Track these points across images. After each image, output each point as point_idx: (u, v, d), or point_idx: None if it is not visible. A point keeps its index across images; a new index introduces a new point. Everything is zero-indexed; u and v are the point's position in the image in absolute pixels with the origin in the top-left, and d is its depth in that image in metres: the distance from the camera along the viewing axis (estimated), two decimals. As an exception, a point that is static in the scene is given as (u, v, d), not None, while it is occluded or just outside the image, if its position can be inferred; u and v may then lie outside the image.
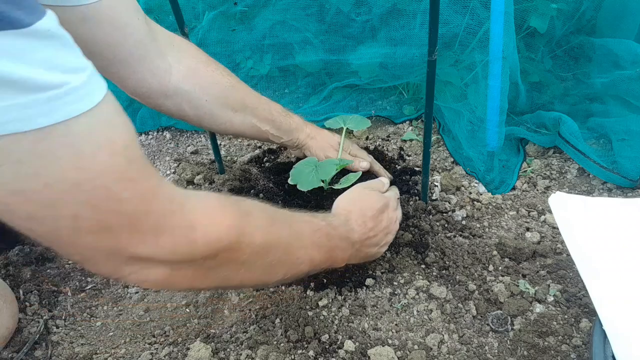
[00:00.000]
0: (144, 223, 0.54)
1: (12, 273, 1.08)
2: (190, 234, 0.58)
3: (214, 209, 0.62)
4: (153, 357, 0.92)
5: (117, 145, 0.50)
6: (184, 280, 0.62)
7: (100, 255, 0.54)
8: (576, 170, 1.28)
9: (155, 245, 0.55)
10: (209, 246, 0.60)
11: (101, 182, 0.49)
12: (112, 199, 0.50)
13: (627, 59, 1.27)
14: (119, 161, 0.50)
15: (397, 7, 1.36)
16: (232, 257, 0.64)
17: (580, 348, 0.86)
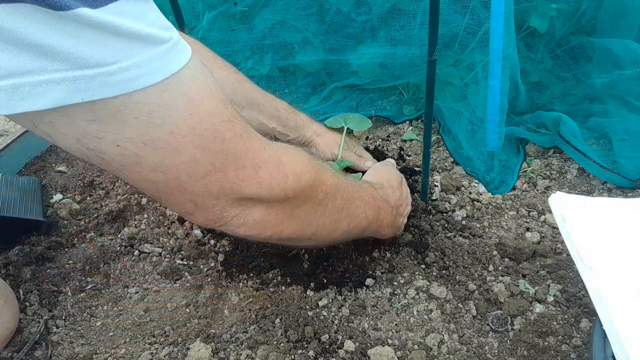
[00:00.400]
0: (245, 159, 0.59)
1: (12, 273, 1.08)
2: (281, 167, 0.65)
3: (292, 150, 0.70)
4: (153, 357, 0.92)
5: (213, 90, 0.56)
6: (275, 222, 0.68)
7: (209, 200, 0.59)
8: (576, 170, 1.28)
9: (256, 180, 0.61)
10: (297, 178, 0.67)
11: (210, 125, 0.54)
12: (219, 139, 0.56)
13: (627, 59, 1.27)
14: (217, 105, 0.56)
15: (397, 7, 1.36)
16: (312, 194, 0.71)
17: (580, 348, 0.86)
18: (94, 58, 0.43)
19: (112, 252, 1.15)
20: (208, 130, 0.54)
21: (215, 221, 0.63)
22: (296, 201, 0.69)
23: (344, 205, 0.79)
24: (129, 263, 1.12)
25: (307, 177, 0.69)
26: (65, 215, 1.27)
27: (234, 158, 0.58)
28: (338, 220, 0.79)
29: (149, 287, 1.07)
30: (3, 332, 0.91)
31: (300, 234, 0.75)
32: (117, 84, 0.45)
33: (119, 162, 0.52)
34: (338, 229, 0.81)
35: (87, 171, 1.43)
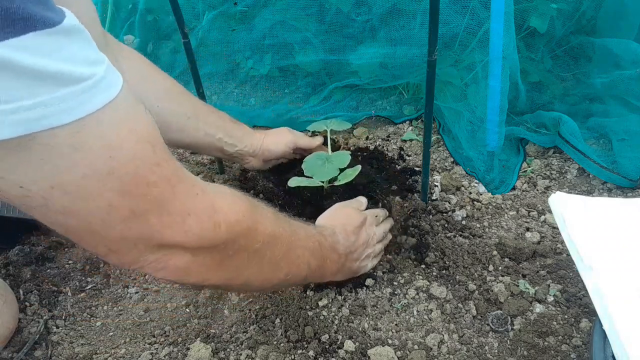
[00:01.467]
0: (172, 205, 0.55)
1: (12, 273, 1.08)
2: (214, 216, 0.60)
3: (230, 196, 0.65)
4: (153, 357, 0.92)
5: (141, 131, 0.52)
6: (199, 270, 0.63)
7: (127, 245, 0.55)
8: (576, 170, 1.28)
9: (183, 228, 0.57)
10: (230, 228, 0.62)
11: (131, 169, 0.51)
12: (142, 184, 0.52)
13: (627, 59, 1.27)
14: (144, 147, 0.52)
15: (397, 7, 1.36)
16: (247, 243, 0.66)
17: (580, 348, 0.86)
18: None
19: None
20: (129, 174, 0.51)
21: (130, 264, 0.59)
22: (228, 251, 0.64)
23: (284, 255, 0.74)
24: (129, 263, 1.12)
25: (243, 227, 0.64)
26: (65, 215, 1.27)
27: (158, 204, 0.54)
28: (275, 270, 0.75)
29: (149, 287, 1.07)
30: (3, 332, 0.91)
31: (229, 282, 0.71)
32: (18, 124, 0.42)
33: (22, 203, 0.48)
34: (274, 278, 0.77)
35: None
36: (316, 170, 1.05)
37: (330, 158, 1.07)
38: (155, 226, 0.55)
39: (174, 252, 0.59)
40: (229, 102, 1.63)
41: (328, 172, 1.04)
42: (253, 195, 1.18)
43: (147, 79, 1.00)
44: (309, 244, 0.81)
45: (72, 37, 0.45)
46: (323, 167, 1.05)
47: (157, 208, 0.54)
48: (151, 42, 1.67)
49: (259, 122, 1.55)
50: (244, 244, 0.66)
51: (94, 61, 0.48)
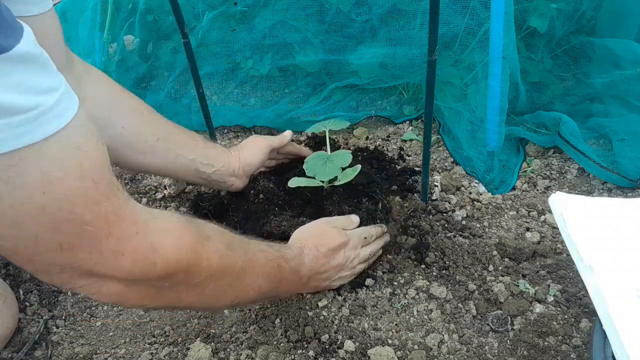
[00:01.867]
0: (105, 245, 0.54)
1: (12, 273, 1.08)
2: (150, 255, 0.58)
3: (175, 231, 0.62)
4: (153, 357, 0.92)
5: (85, 167, 0.50)
6: (135, 298, 0.62)
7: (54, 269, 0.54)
8: (576, 170, 1.28)
9: (114, 265, 0.55)
10: (167, 268, 0.60)
11: (67, 206, 0.49)
12: (75, 222, 0.50)
13: (627, 59, 1.27)
14: (85, 184, 0.50)
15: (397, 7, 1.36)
16: (186, 279, 0.64)
17: (580, 348, 0.86)
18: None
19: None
20: (62, 212, 0.49)
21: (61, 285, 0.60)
22: (164, 284, 0.62)
23: (231, 284, 0.73)
24: (129, 263, 1.12)
25: (182, 265, 0.62)
26: (65, 215, 1.27)
27: (90, 243, 0.53)
28: (219, 298, 0.73)
29: (149, 287, 1.06)
30: (3, 332, 0.91)
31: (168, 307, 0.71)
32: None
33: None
34: (218, 304, 0.77)
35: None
36: (317, 169, 1.05)
37: (332, 157, 1.07)
38: (84, 261, 0.54)
39: (105, 281, 0.57)
40: (229, 102, 1.63)
41: (330, 172, 1.04)
42: (253, 195, 1.18)
43: (112, 99, 0.95)
44: (265, 269, 0.79)
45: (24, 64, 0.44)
46: (324, 166, 1.05)
47: (88, 247, 0.53)
48: (151, 42, 1.67)
49: (259, 122, 1.55)
50: (182, 279, 0.64)
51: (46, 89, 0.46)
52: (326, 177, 1.03)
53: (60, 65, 0.84)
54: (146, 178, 1.38)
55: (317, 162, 1.07)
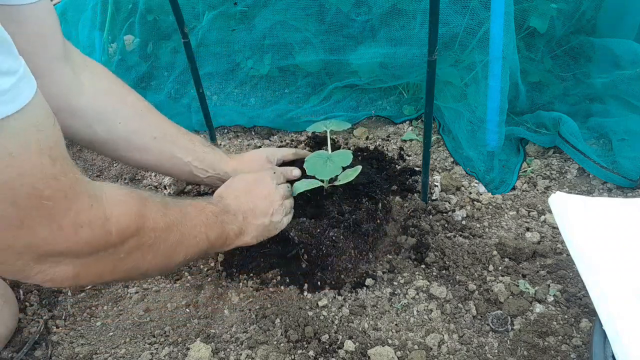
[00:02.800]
0: (64, 219, 0.56)
1: (12, 273, 1.08)
2: (106, 224, 0.61)
3: (122, 198, 0.66)
4: (153, 357, 0.92)
5: (43, 145, 0.52)
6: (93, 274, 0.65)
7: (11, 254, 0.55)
8: (576, 170, 1.28)
9: (74, 239, 0.58)
10: (121, 234, 0.64)
11: (27, 181, 0.51)
12: (35, 197, 0.52)
13: (627, 59, 1.27)
14: (44, 161, 0.52)
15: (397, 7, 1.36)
16: (139, 243, 0.68)
17: (580, 348, 0.86)
18: None
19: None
20: (24, 187, 0.51)
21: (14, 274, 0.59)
22: (119, 254, 0.66)
23: (179, 240, 0.76)
24: (129, 263, 1.12)
25: (132, 229, 0.66)
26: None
27: (50, 217, 0.55)
28: (172, 256, 0.77)
29: (149, 287, 1.06)
30: (3, 332, 0.91)
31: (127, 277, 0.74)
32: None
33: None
34: (173, 262, 0.79)
35: (87, 170, 1.43)
36: (318, 169, 1.05)
37: (332, 157, 1.07)
38: (44, 237, 0.55)
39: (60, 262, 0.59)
40: (229, 102, 1.63)
41: (330, 171, 1.04)
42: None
43: (109, 92, 0.96)
44: (202, 218, 0.83)
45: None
46: (325, 166, 1.05)
47: (48, 221, 0.54)
48: (151, 42, 1.67)
49: (259, 122, 1.55)
50: (135, 244, 0.67)
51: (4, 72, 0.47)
52: (327, 176, 1.04)
53: (57, 56, 0.86)
54: (146, 178, 1.38)
55: (317, 162, 1.07)
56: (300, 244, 1.01)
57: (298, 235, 1.01)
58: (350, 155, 1.06)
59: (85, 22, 1.64)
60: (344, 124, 1.23)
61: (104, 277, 0.67)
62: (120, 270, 0.68)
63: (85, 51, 1.64)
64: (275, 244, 1.04)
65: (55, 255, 0.58)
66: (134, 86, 1.61)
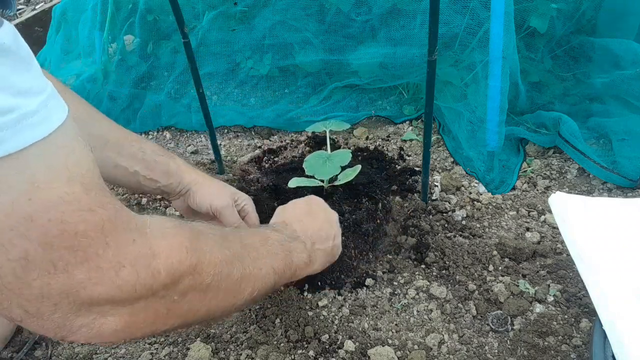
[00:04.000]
0: (103, 258, 0.47)
1: (12, 273, 1.08)
2: (152, 262, 0.52)
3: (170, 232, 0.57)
4: (153, 357, 0.92)
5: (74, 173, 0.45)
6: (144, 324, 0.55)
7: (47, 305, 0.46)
8: (576, 170, 1.28)
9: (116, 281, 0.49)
10: (172, 273, 0.54)
11: (56, 215, 0.43)
12: (68, 233, 0.44)
13: (627, 59, 1.27)
14: (75, 190, 0.45)
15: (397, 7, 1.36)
16: (195, 282, 0.58)
17: (580, 348, 0.86)
18: None
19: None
20: (52, 222, 0.43)
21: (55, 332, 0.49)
22: (172, 296, 0.56)
23: (243, 273, 0.67)
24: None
25: (186, 266, 0.56)
26: (65, 215, 1.27)
27: (86, 257, 0.46)
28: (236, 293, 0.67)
29: (149, 287, 1.06)
30: (3, 333, 0.91)
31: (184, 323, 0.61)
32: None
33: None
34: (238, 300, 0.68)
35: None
36: (317, 168, 1.05)
37: (331, 157, 1.07)
38: (81, 282, 0.46)
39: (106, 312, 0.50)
40: (229, 102, 1.63)
41: (330, 170, 1.04)
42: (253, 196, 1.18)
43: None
44: (267, 247, 0.75)
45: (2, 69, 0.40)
46: (324, 165, 1.05)
47: (84, 262, 0.46)
48: (151, 42, 1.67)
49: (259, 122, 1.55)
50: (190, 284, 0.58)
51: (25, 90, 0.41)
52: (326, 175, 1.04)
53: None
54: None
55: (317, 162, 1.07)
56: None
57: None
58: (349, 155, 1.06)
59: (85, 22, 1.64)
60: (343, 125, 1.23)
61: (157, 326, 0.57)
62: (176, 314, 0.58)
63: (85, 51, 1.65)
64: None
65: (98, 304, 0.49)
66: (134, 86, 1.61)
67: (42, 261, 0.43)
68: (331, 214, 0.93)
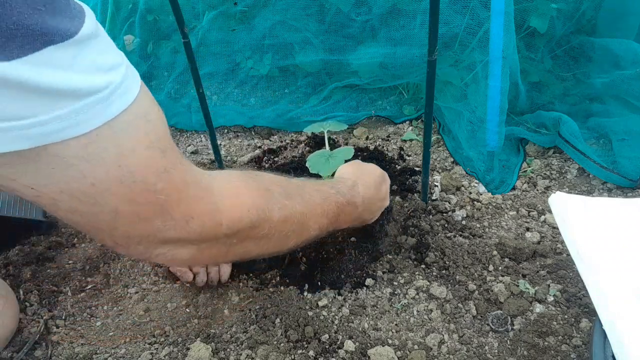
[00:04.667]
0: (176, 210, 0.56)
1: (12, 273, 1.08)
2: (216, 216, 0.61)
3: (237, 190, 0.66)
4: (153, 357, 0.92)
5: (152, 138, 0.52)
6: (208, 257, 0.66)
7: (132, 242, 0.57)
8: (576, 170, 1.28)
9: (185, 229, 0.58)
10: (232, 226, 0.63)
11: (140, 177, 0.51)
12: (149, 191, 0.52)
13: (627, 59, 1.27)
14: (154, 154, 0.52)
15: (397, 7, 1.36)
16: (252, 234, 0.68)
17: (580, 348, 0.86)
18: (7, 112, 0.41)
19: (112, 252, 1.15)
20: (137, 183, 0.51)
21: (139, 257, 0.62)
22: (232, 240, 0.66)
23: (294, 230, 0.76)
24: (128, 263, 1.12)
25: (245, 222, 0.65)
26: (65, 215, 1.27)
27: (162, 210, 0.55)
28: (283, 243, 0.77)
29: (149, 287, 1.06)
30: (4, 333, 0.91)
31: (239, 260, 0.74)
32: (33, 137, 0.43)
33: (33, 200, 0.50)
34: (284, 248, 0.79)
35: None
36: (320, 166, 1.06)
37: (334, 154, 1.08)
38: (159, 228, 0.56)
39: (179, 247, 0.60)
40: (229, 102, 1.63)
41: (332, 166, 1.05)
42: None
43: None
44: (324, 207, 0.82)
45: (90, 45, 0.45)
46: (327, 163, 1.06)
47: (161, 214, 0.55)
48: (151, 42, 1.67)
49: (259, 122, 1.55)
50: (249, 234, 0.67)
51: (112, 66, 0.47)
52: (328, 172, 1.05)
53: None
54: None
55: (319, 160, 1.08)
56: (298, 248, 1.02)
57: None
58: (352, 150, 1.07)
59: (85, 22, 1.63)
60: (341, 125, 1.24)
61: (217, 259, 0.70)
62: (233, 254, 0.69)
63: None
64: None
65: (172, 243, 0.59)
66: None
67: (128, 214, 0.52)
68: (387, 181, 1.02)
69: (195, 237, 0.60)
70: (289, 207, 0.74)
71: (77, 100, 0.44)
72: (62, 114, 0.43)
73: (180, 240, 0.59)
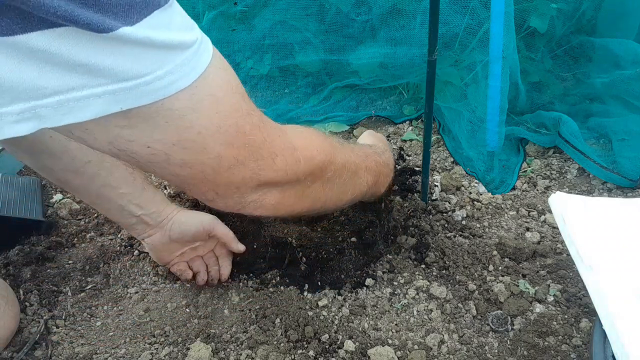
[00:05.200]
0: (263, 149, 0.62)
1: (12, 273, 1.08)
2: (294, 153, 0.68)
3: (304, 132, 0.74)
4: (153, 357, 0.92)
5: (233, 84, 0.57)
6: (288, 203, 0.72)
7: (231, 189, 0.63)
8: (576, 170, 1.28)
9: (273, 168, 0.64)
10: (308, 163, 0.70)
11: (233, 121, 0.57)
12: (241, 134, 0.58)
13: (627, 59, 1.27)
14: (238, 99, 0.58)
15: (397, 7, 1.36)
16: (321, 174, 0.75)
17: (580, 348, 0.86)
18: (132, 71, 0.46)
19: (112, 252, 1.15)
20: (232, 127, 0.56)
21: (233, 206, 0.67)
22: (307, 182, 0.73)
23: (349, 179, 0.83)
24: (128, 263, 1.12)
25: (317, 160, 0.72)
26: (65, 215, 1.27)
27: (253, 150, 0.61)
28: (343, 192, 0.84)
29: (149, 287, 1.07)
30: (4, 334, 0.91)
31: (310, 209, 0.79)
32: (152, 93, 0.48)
33: (148, 160, 0.54)
34: (343, 199, 0.86)
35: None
36: None
37: None
38: (253, 170, 0.62)
39: (266, 192, 0.67)
40: (228, 102, 1.63)
41: None
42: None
43: None
44: (367, 163, 0.90)
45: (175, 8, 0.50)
46: None
47: (253, 154, 0.61)
48: (151, 42, 1.67)
49: (259, 122, 1.55)
50: (318, 174, 0.74)
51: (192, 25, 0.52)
52: None
53: None
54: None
55: None
56: (298, 247, 1.01)
57: (296, 239, 1.01)
58: None
59: (85, 22, 1.63)
60: (342, 126, 1.24)
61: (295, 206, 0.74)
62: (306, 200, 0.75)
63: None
64: (273, 247, 1.04)
65: (263, 186, 0.65)
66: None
67: (228, 157, 0.58)
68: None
69: (280, 177, 0.66)
70: (346, 154, 0.82)
71: (180, 53, 0.49)
72: (172, 68, 0.48)
73: (269, 183, 0.65)
